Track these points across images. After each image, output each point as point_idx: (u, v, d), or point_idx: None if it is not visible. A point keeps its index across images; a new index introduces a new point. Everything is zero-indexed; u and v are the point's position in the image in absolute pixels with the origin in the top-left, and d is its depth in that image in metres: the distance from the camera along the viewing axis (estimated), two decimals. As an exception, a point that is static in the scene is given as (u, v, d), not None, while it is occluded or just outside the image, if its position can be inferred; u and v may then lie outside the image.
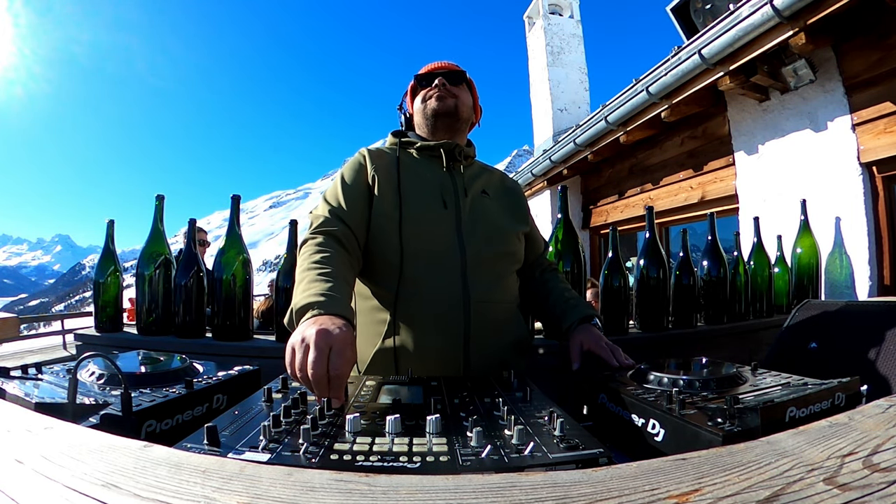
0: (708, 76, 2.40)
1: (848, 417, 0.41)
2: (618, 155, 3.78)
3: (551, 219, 4.60)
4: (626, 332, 1.46)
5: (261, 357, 1.25)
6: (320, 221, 0.95)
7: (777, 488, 0.29)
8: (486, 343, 0.95)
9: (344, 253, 0.92)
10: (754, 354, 1.60)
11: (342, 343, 0.64)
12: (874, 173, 2.06)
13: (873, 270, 2.06)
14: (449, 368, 0.92)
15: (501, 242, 1.03)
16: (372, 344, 0.95)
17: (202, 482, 0.31)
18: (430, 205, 0.99)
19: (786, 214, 2.30)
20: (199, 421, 0.67)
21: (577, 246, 1.43)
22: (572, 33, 5.31)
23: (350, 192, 1.00)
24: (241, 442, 0.47)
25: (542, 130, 5.29)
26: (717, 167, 2.93)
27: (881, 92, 1.99)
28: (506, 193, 1.14)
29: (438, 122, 1.08)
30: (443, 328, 0.93)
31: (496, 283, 1.00)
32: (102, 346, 1.36)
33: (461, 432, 0.51)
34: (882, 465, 0.31)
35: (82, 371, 0.75)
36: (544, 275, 1.17)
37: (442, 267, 0.96)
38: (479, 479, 0.31)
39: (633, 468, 0.33)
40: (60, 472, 0.33)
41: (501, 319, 1.00)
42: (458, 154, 1.07)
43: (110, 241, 1.48)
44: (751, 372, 0.77)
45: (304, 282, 0.81)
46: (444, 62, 1.13)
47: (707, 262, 1.62)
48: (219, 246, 1.41)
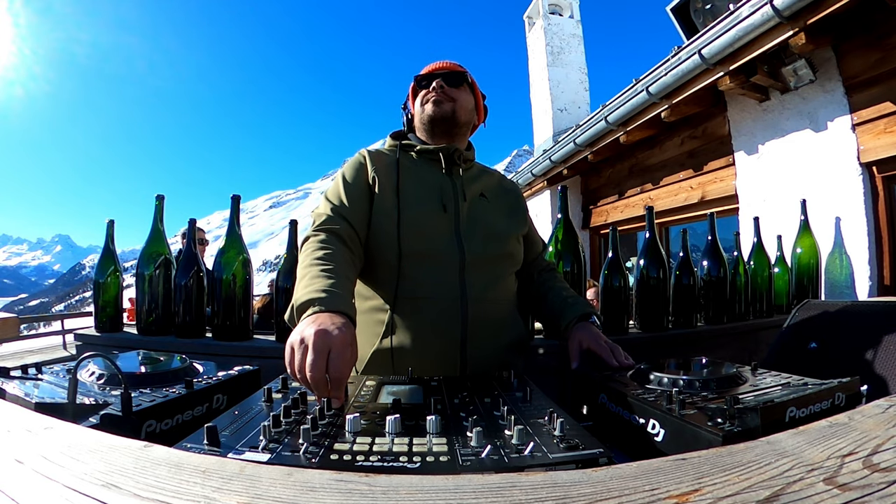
0: (708, 76, 2.40)
1: (848, 417, 0.41)
2: (618, 155, 3.78)
3: (551, 219, 4.60)
4: (626, 332, 1.46)
5: (261, 357, 1.25)
6: (323, 219, 0.95)
7: (777, 488, 0.29)
8: (484, 344, 0.96)
9: (346, 250, 0.92)
10: (754, 354, 1.60)
11: (342, 344, 0.64)
12: (874, 173, 2.06)
13: (873, 270, 2.06)
14: (447, 369, 0.92)
15: (499, 244, 1.03)
16: (370, 344, 0.95)
17: (202, 482, 0.31)
18: (428, 207, 0.99)
19: (786, 214, 2.30)
20: (199, 421, 0.67)
21: (577, 246, 1.43)
22: (572, 33, 5.31)
23: (352, 191, 1.00)
24: (241, 442, 0.47)
25: (542, 130, 5.29)
26: (717, 167, 2.93)
27: (881, 92, 1.99)
28: (504, 195, 1.14)
29: (435, 127, 1.07)
30: (440, 329, 0.93)
31: (494, 285, 1.00)
32: (102, 346, 1.36)
33: (461, 432, 0.51)
34: (882, 465, 0.31)
35: (82, 371, 0.75)
36: (542, 275, 1.17)
37: (440, 268, 0.96)
38: (479, 479, 0.31)
39: (633, 468, 0.33)
40: (60, 472, 0.33)
41: (499, 320, 1.01)
42: (457, 158, 1.07)
43: (110, 241, 1.48)
44: (751, 372, 0.76)
45: (306, 278, 0.80)
46: (444, 62, 1.12)
47: (707, 262, 1.62)
48: (219, 246, 1.41)
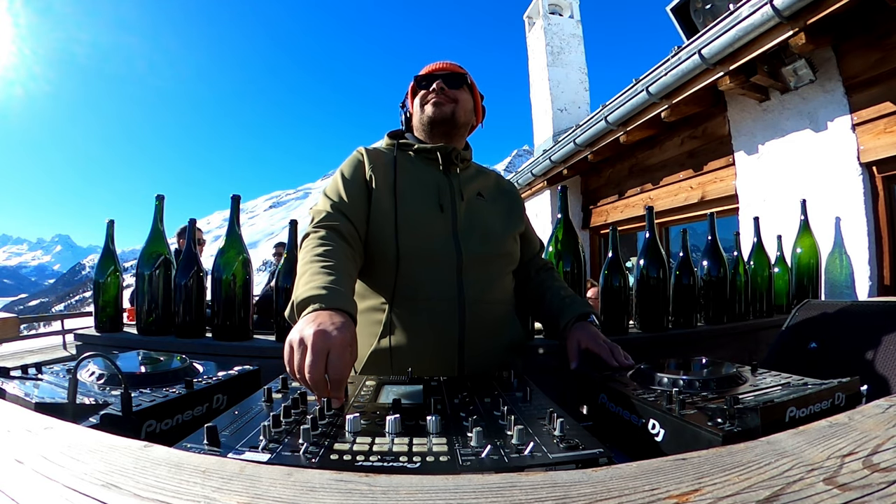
0: (708, 76, 2.40)
1: (848, 417, 0.41)
2: (618, 155, 3.78)
3: (551, 219, 4.60)
4: (626, 332, 1.46)
5: (261, 357, 1.25)
6: (322, 216, 0.95)
7: (777, 488, 0.29)
8: (481, 343, 0.96)
9: (346, 247, 0.91)
10: (754, 354, 1.60)
11: (341, 346, 0.63)
12: (874, 173, 2.06)
13: (873, 270, 2.06)
14: (445, 369, 0.92)
15: (497, 244, 1.03)
16: (368, 344, 0.95)
17: (202, 482, 0.31)
18: (426, 207, 1.00)
19: (786, 214, 2.30)
20: (199, 421, 0.67)
21: (577, 246, 1.43)
22: (572, 33, 5.31)
23: (351, 187, 1.00)
24: (241, 442, 0.47)
25: (542, 130, 5.29)
26: (717, 167, 2.93)
27: (881, 92, 1.99)
28: (501, 195, 1.14)
29: (435, 129, 1.07)
30: (438, 329, 0.93)
31: (492, 284, 1.00)
32: (102, 346, 1.36)
33: (461, 432, 0.51)
34: (882, 465, 0.31)
35: (82, 371, 0.75)
36: (540, 274, 1.17)
37: (438, 268, 0.96)
38: (479, 479, 0.31)
39: (633, 468, 0.33)
40: (60, 472, 0.33)
41: (497, 320, 1.01)
42: (454, 158, 1.07)
43: (110, 241, 1.48)
44: (751, 372, 0.76)
45: (306, 275, 0.80)
46: (444, 63, 1.12)
47: (707, 262, 1.62)
48: (219, 246, 1.41)
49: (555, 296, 1.09)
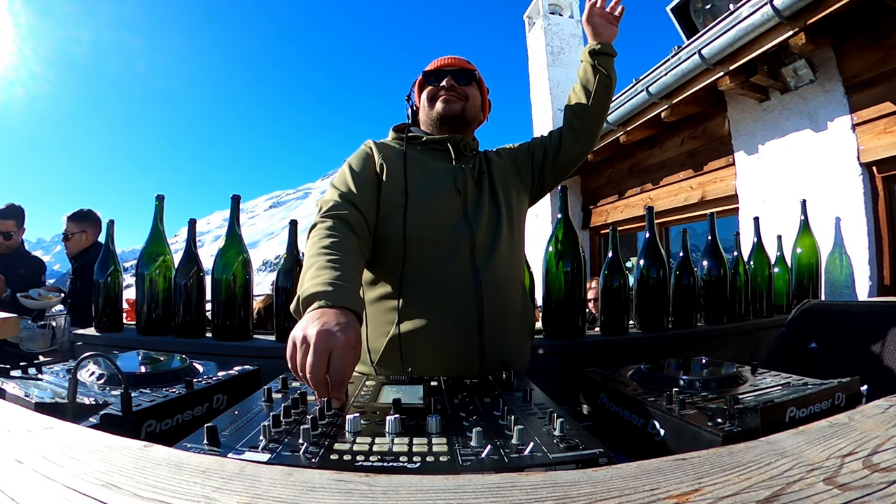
0: (708, 76, 2.40)
1: (848, 417, 0.41)
2: (618, 155, 3.78)
3: (551, 219, 4.60)
4: (626, 332, 1.46)
5: (261, 357, 1.25)
6: (330, 205, 0.93)
7: (777, 488, 0.29)
8: (499, 322, 0.96)
9: (354, 238, 0.90)
10: (754, 354, 1.60)
11: (344, 347, 0.63)
12: (874, 173, 2.05)
13: (873, 270, 2.05)
14: (465, 353, 0.91)
15: (509, 223, 1.04)
16: (384, 334, 0.93)
17: (202, 482, 0.31)
18: (438, 192, 0.99)
19: (786, 214, 2.30)
20: (199, 421, 0.67)
21: (577, 246, 1.43)
22: (572, 33, 5.30)
23: (359, 178, 0.99)
24: (241, 442, 0.47)
25: (542, 130, 5.29)
26: (717, 167, 2.93)
27: (881, 92, 1.99)
28: (507, 168, 1.13)
29: (444, 125, 1.07)
30: (457, 313, 0.93)
31: (506, 265, 1.01)
32: (102, 346, 1.36)
33: (461, 432, 0.51)
34: (882, 465, 0.31)
35: (82, 371, 0.75)
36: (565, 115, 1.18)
37: (450, 251, 0.95)
38: (479, 479, 0.31)
39: (633, 468, 0.33)
40: (60, 472, 0.33)
41: (512, 298, 1.01)
42: (463, 147, 1.07)
43: (110, 241, 1.48)
44: (751, 372, 0.77)
45: (313, 268, 0.78)
46: (453, 58, 1.10)
47: (707, 262, 1.62)
48: (219, 246, 1.41)
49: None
